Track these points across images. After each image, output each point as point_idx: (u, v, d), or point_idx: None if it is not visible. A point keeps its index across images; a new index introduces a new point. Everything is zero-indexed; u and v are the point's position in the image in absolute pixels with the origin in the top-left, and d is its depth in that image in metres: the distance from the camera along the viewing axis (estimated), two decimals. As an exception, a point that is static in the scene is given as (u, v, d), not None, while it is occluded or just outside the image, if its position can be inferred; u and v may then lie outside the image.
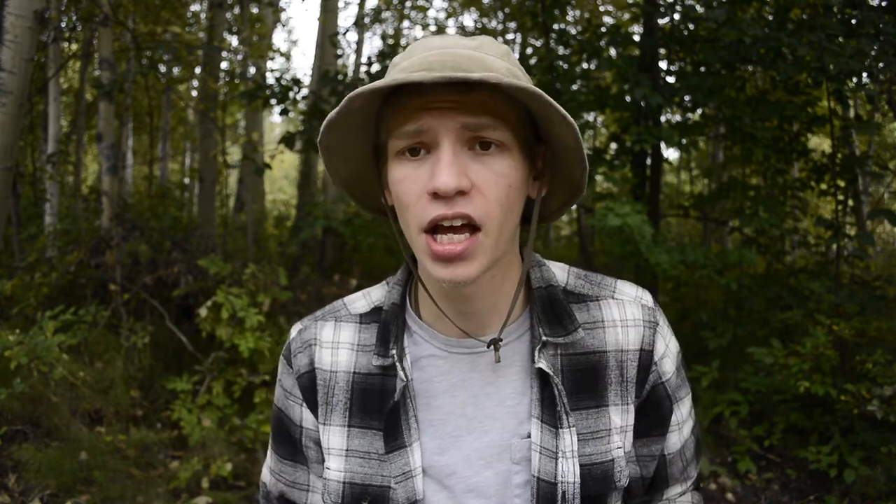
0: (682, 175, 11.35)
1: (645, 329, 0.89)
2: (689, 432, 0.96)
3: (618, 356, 0.88)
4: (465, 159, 0.76)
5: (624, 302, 0.90)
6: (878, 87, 3.87)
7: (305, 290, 5.45)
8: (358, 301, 0.96)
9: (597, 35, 5.05)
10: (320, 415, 0.91)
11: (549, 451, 0.83)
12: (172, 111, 11.14)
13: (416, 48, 0.80)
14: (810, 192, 4.92)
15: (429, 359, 0.88)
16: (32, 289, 4.38)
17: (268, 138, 15.95)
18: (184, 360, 4.38)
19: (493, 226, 0.76)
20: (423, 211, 0.76)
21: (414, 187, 0.77)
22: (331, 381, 0.91)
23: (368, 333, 0.91)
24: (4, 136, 3.22)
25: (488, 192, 0.76)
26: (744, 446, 3.83)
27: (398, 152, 0.78)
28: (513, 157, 0.78)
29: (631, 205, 3.89)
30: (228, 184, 8.96)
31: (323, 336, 0.93)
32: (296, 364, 0.93)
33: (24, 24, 3.21)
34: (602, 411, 0.86)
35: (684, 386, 0.95)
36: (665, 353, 0.90)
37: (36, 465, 3.19)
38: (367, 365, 0.89)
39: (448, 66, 0.74)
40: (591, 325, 0.88)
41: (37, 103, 7.48)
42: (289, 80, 5.21)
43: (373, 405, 0.88)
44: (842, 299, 3.66)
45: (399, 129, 0.77)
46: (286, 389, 0.95)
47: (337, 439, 0.89)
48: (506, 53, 0.82)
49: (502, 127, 0.76)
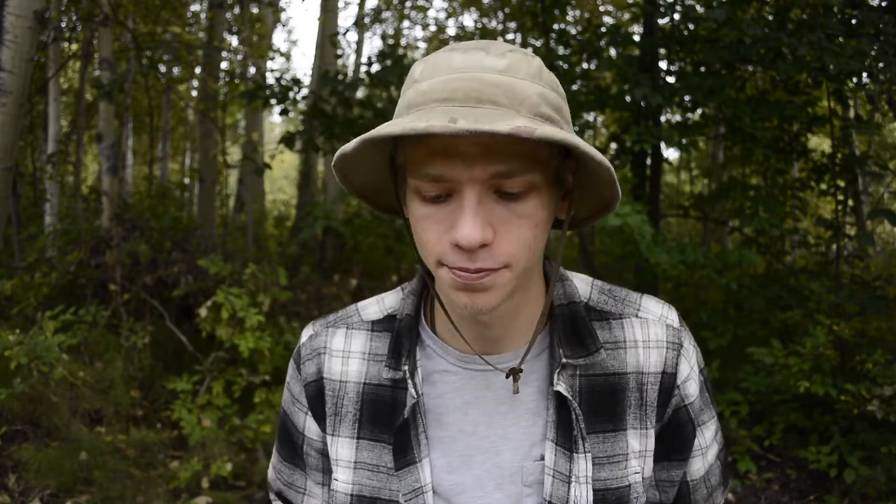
0: (682, 175, 11.35)
1: (668, 351, 0.86)
2: (713, 457, 0.93)
3: (638, 378, 0.84)
4: (490, 204, 0.71)
5: (648, 321, 0.87)
6: (878, 87, 3.87)
7: (305, 290, 5.45)
8: (371, 307, 0.93)
9: (597, 35, 5.05)
10: (329, 425, 0.89)
11: (563, 475, 0.81)
12: (172, 111, 11.14)
13: (439, 64, 0.73)
14: (810, 192, 4.92)
15: (441, 374, 0.86)
16: (32, 289, 4.38)
17: (268, 138, 15.95)
18: (184, 360, 4.38)
19: (517, 264, 0.73)
20: (443, 254, 0.73)
21: (435, 228, 0.73)
22: (340, 392, 0.89)
23: (380, 342, 0.89)
24: (4, 136, 3.22)
25: (513, 237, 0.72)
26: (744, 446, 3.83)
27: (417, 191, 0.73)
28: (540, 197, 0.73)
29: (631, 205, 3.89)
30: (228, 184, 8.96)
31: (333, 344, 0.91)
32: (304, 371, 0.91)
33: (24, 24, 3.21)
34: (619, 435, 0.83)
35: (708, 410, 0.92)
36: (689, 377, 0.87)
37: (36, 465, 3.19)
38: (378, 376, 0.87)
39: (472, 96, 0.69)
40: (612, 344, 0.85)
41: (37, 103, 7.48)
42: (289, 80, 5.21)
43: (383, 418, 0.86)
44: (842, 299, 3.66)
45: (419, 168, 0.72)
46: (293, 395, 0.94)
47: (346, 451, 0.87)
48: (538, 72, 0.74)
49: (532, 169, 0.71)
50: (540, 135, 0.64)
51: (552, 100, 0.74)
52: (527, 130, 0.63)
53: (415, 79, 0.75)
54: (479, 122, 0.63)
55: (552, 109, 0.73)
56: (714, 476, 0.94)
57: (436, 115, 0.67)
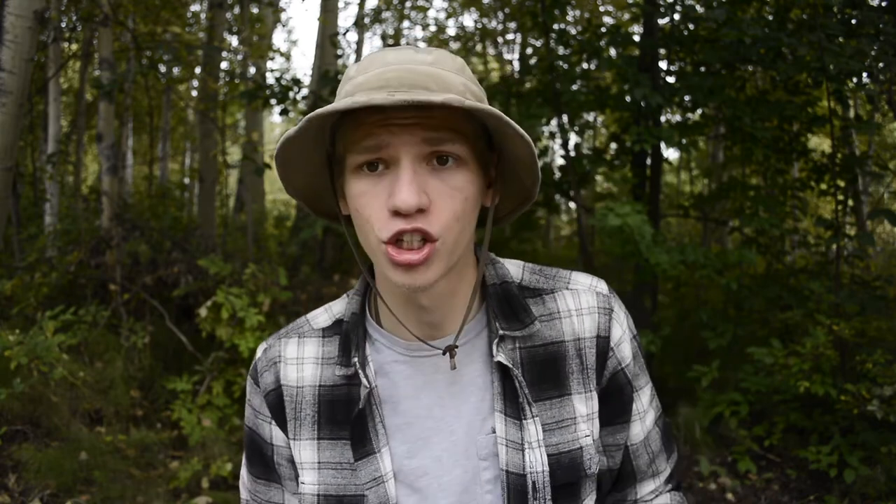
0: (682, 175, 11.35)
1: (600, 315, 0.90)
2: (651, 423, 0.96)
3: (576, 344, 0.89)
4: (424, 175, 0.77)
5: (578, 291, 0.92)
6: (878, 87, 3.87)
7: (305, 290, 5.45)
8: (320, 316, 0.97)
9: (597, 35, 5.05)
10: (290, 430, 0.92)
11: (516, 443, 0.85)
12: (172, 111, 11.14)
13: (373, 62, 0.80)
14: (810, 192, 4.91)
15: (391, 364, 0.90)
16: (32, 289, 4.38)
17: (268, 138, 15.95)
18: (184, 360, 4.38)
19: (449, 237, 0.78)
20: (384, 225, 0.77)
21: (374, 202, 0.78)
22: (298, 397, 0.92)
23: (332, 346, 0.93)
24: (4, 136, 3.22)
25: (445, 207, 0.77)
26: (744, 446, 3.83)
27: (357, 167, 0.79)
28: (469, 171, 0.80)
29: (631, 205, 3.89)
30: (228, 184, 8.95)
31: (287, 353, 0.94)
32: (262, 383, 0.94)
33: (24, 24, 3.21)
34: (565, 400, 0.87)
35: (643, 374, 0.96)
36: (622, 339, 0.91)
37: (36, 465, 3.19)
38: (332, 377, 0.90)
39: (406, 83, 0.75)
40: (547, 316, 0.90)
41: (37, 103, 7.48)
42: (289, 80, 5.21)
43: (340, 416, 0.89)
44: (842, 299, 3.66)
45: (358, 144, 0.77)
46: (255, 409, 0.96)
47: (308, 453, 0.90)
48: (461, 67, 0.83)
49: (460, 141, 0.78)
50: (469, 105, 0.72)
51: (475, 91, 0.82)
52: (457, 100, 0.71)
53: (350, 76, 0.82)
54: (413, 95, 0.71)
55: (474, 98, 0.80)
56: (654, 441, 0.96)
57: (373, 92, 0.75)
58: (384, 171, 0.78)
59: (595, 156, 5.26)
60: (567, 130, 4.95)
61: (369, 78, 0.78)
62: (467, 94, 0.79)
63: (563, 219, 11.64)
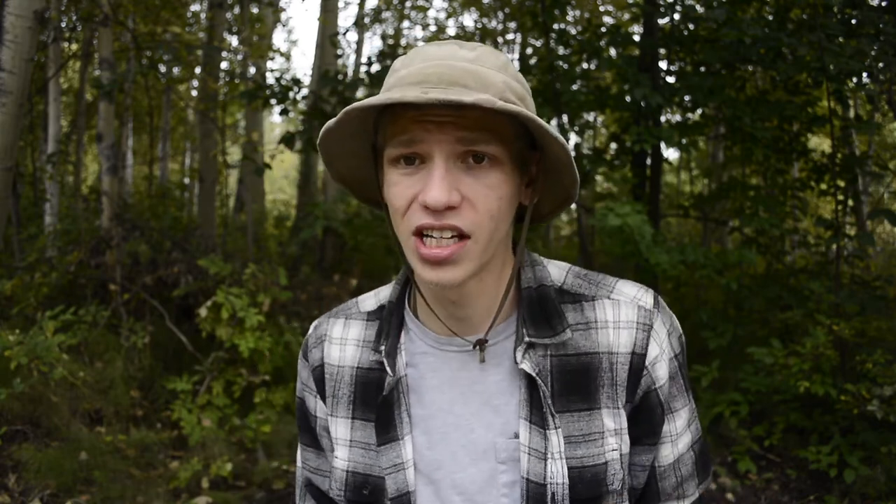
0: (682, 175, 11.35)
1: (638, 331, 0.87)
2: (685, 447, 0.92)
3: (609, 358, 0.86)
4: (457, 172, 0.77)
5: (620, 302, 0.89)
6: (878, 87, 3.87)
7: (305, 290, 5.45)
8: (369, 300, 1.00)
9: (597, 35, 5.05)
10: (329, 406, 0.96)
11: (539, 451, 0.84)
12: (172, 111, 11.14)
13: (416, 56, 0.82)
14: (810, 192, 4.92)
15: (422, 355, 0.91)
16: (32, 289, 4.38)
17: (268, 138, 15.95)
18: (184, 360, 4.38)
19: (482, 234, 0.79)
20: (412, 217, 0.79)
21: (406, 193, 0.79)
22: (338, 375, 0.95)
23: (373, 330, 0.96)
24: (4, 136, 3.21)
25: (479, 205, 0.78)
26: (744, 446, 3.83)
27: (393, 159, 0.80)
28: (504, 171, 0.79)
29: (631, 205, 3.89)
30: (228, 184, 8.95)
31: (333, 333, 0.98)
32: (311, 358, 0.99)
33: (24, 24, 3.21)
34: (594, 414, 0.86)
35: (682, 397, 0.91)
36: (658, 358, 0.88)
37: (36, 465, 3.19)
38: (369, 360, 0.93)
39: (445, 79, 0.76)
40: (583, 325, 0.88)
41: (37, 103, 7.48)
42: (289, 80, 5.21)
43: (372, 398, 0.91)
44: (842, 299, 3.66)
45: (395, 137, 0.79)
46: (303, 381, 1.01)
47: (342, 430, 0.94)
48: (504, 65, 0.82)
49: (496, 141, 0.78)
50: (500, 106, 0.71)
51: (516, 89, 0.81)
52: (489, 101, 0.71)
53: (395, 69, 0.83)
54: (448, 95, 0.71)
55: (516, 97, 0.80)
56: (685, 466, 0.93)
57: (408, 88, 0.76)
58: (420, 165, 0.79)
59: (595, 156, 5.26)
60: (567, 130, 4.95)
61: (411, 72, 0.79)
62: (507, 92, 0.79)
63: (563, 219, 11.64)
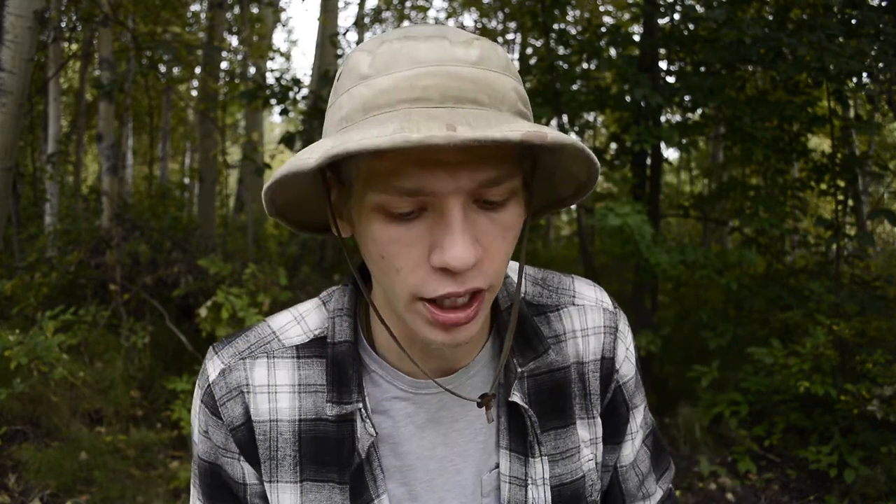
0: (682, 175, 11.35)
1: (606, 335, 0.83)
2: (640, 442, 0.89)
3: (578, 368, 0.81)
4: (473, 217, 0.62)
5: (585, 308, 0.83)
6: (878, 87, 3.87)
7: (305, 290, 5.45)
8: (291, 329, 0.80)
9: (597, 35, 5.05)
10: (265, 471, 0.77)
11: (519, 479, 0.78)
12: (172, 111, 11.14)
13: (398, 57, 0.60)
14: (810, 192, 4.92)
15: (392, 401, 0.77)
16: (32, 289, 4.38)
17: (268, 138, 15.95)
18: (184, 360, 4.38)
19: (497, 282, 0.66)
20: (422, 283, 0.62)
21: (409, 252, 0.62)
22: (272, 433, 0.77)
23: (311, 370, 0.77)
24: (4, 136, 3.22)
25: (497, 253, 0.64)
26: (744, 446, 3.83)
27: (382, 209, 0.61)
28: (519, 203, 0.66)
29: (631, 205, 3.89)
30: (228, 184, 8.96)
31: (255, 379, 0.77)
32: (226, 415, 0.77)
33: (24, 24, 3.21)
34: (570, 429, 0.81)
35: (640, 392, 0.88)
36: (625, 357, 0.85)
37: (36, 465, 3.19)
38: (316, 410, 0.76)
39: (451, 95, 0.58)
40: (553, 339, 0.81)
41: (37, 103, 7.48)
42: (289, 80, 5.21)
43: (327, 456, 0.76)
44: (842, 299, 3.66)
45: (386, 182, 0.59)
46: (218, 444, 0.79)
47: (288, 497, 0.77)
48: (506, 65, 0.64)
49: (516, 174, 0.63)
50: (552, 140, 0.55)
51: (522, 95, 0.65)
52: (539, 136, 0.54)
53: (363, 74, 0.61)
54: (476, 127, 0.54)
55: (524, 105, 0.65)
56: (643, 462, 0.89)
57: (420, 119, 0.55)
58: (420, 213, 0.61)
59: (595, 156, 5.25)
60: (567, 130, 4.96)
61: (397, 83, 0.59)
62: (518, 103, 0.63)
63: (563, 219, 11.64)
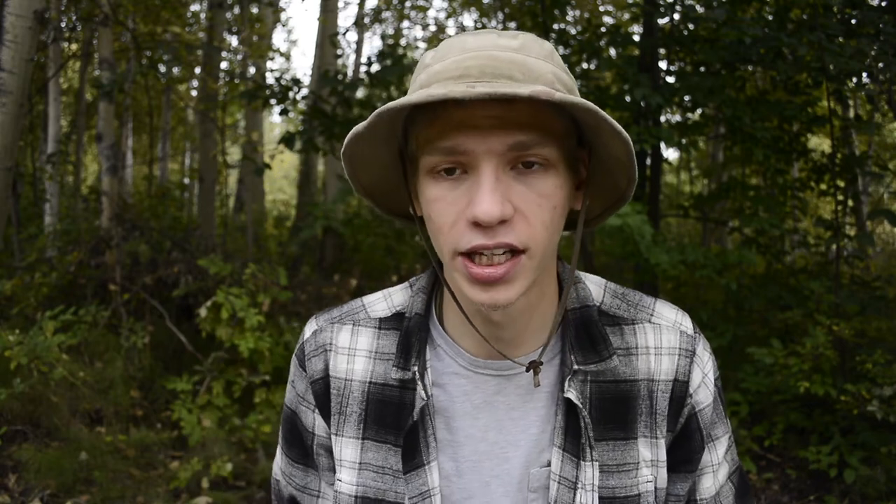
0: (682, 175, 11.35)
1: (680, 358, 0.83)
2: (724, 477, 0.87)
3: (649, 385, 0.82)
4: (508, 180, 0.69)
5: (661, 327, 0.84)
6: (878, 87, 3.87)
7: (305, 290, 5.45)
8: (378, 304, 0.89)
9: (597, 35, 5.06)
10: (333, 424, 0.86)
11: (569, 481, 0.79)
12: (172, 111, 11.15)
13: (451, 48, 0.72)
14: (810, 192, 4.92)
15: (451, 376, 0.83)
16: (32, 289, 4.38)
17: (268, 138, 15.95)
18: (184, 360, 4.38)
19: (537, 249, 0.70)
20: (459, 237, 0.69)
21: (450, 209, 0.70)
22: (345, 390, 0.85)
23: (388, 340, 0.86)
24: (4, 136, 3.22)
25: (532, 217, 0.69)
26: (744, 446, 3.83)
27: (431, 170, 0.71)
28: (558, 175, 0.71)
29: (631, 205, 3.89)
30: (228, 184, 8.96)
31: (339, 341, 0.87)
32: (310, 368, 0.88)
33: (24, 24, 3.21)
34: (630, 444, 0.81)
35: (722, 424, 0.87)
36: (701, 385, 0.83)
37: (36, 465, 3.19)
38: (385, 375, 0.84)
39: (488, 72, 0.67)
40: (624, 350, 0.82)
41: (37, 103, 7.48)
42: (289, 80, 5.21)
43: (389, 418, 0.83)
44: (842, 299, 3.67)
45: (432, 144, 0.69)
46: (299, 393, 0.90)
47: (350, 451, 0.84)
48: (550, 54, 0.73)
49: (549, 142, 0.69)
50: (561, 98, 0.62)
51: (565, 81, 0.73)
52: (547, 92, 0.62)
53: (426, 63, 0.73)
54: (496, 88, 0.62)
55: (566, 89, 0.72)
56: (726, 499, 0.88)
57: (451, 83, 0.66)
58: (462, 175, 0.69)
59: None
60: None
61: (447, 66, 0.69)
62: (556, 83, 0.70)
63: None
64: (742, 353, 4.09)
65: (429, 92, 0.64)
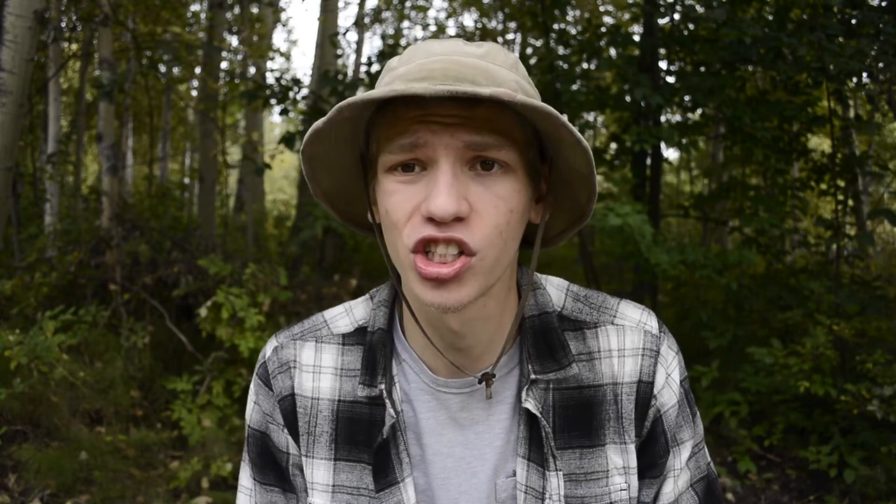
0: (682, 175, 11.35)
1: (644, 358, 0.81)
2: (685, 485, 0.84)
3: (614, 389, 0.80)
4: (465, 180, 0.68)
5: (624, 328, 0.82)
6: (878, 87, 3.87)
7: (305, 290, 5.44)
8: (340, 319, 0.87)
9: (597, 35, 5.06)
10: (302, 445, 0.83)
11: (536, 490, 0.78)
12: (172, 111, 11.15)
13: (417, 52, 0.73)
14: (810, 192, 4.92)
15: (417, 392, 0.82)
16: (32, 289, 4.38)
17: (268, 138, 15.96)
18: (184, 360, 4.38)
19: (489, 251, 0.69)
20: (413, 231, 0.68)
21: (406, 205, 0.69)
22: (313, 409, 0.83)
23: (352, 356, 0.84)
24: (4, 136, 3.21)
25: (487, 218, 0.68)
26: (744, 446, 3.83)
27: (390, 167, 0.70)
28: (517, 180, 0.70)
29: (631, 205, 3.89)
30: (228, 184, 8.96)
31: (303, 358, 0.85)
32: (276, 386, 0.85)
33: (24, 24, 3.21)
34: (598, 451, 0.79)
35: (688, 427, 0.84)
36: (665, 385, 0.82)
37: (36, 465, 3.19)
38: (353, 392, 0.82)
39: (451, 75, 0.67)
40: (586, 355, 0.81)
41: (37, 103, 7.48)
42: (289, 80, 5.21)
43: (360, 436, 0.81)
44: (842, 299, 3.67)
45: (393, 141, 0.69)
46: (266, 413, 0.86)
47: (322, 473, 0.82)
48: (514, 64, 0.74)
49: (508, 147, 0.69)
50: (521, 100, 0.62)
51: (528, 91, 0.73)
52: (507, 94, 0.62)
53: (391, 67, 0.74)
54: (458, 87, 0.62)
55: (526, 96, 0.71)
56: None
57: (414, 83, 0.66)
58: (420, 172, 0.69)
59: (595, 156, 5.25)
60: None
61: (411, 69, 0.70)
62: (519, 92, 0.70)
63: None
64: (742, 353, 4.09)
65: (391, 87, 0.63)
